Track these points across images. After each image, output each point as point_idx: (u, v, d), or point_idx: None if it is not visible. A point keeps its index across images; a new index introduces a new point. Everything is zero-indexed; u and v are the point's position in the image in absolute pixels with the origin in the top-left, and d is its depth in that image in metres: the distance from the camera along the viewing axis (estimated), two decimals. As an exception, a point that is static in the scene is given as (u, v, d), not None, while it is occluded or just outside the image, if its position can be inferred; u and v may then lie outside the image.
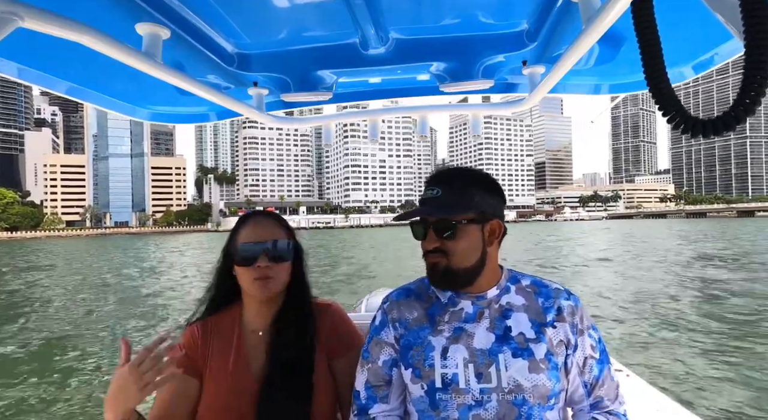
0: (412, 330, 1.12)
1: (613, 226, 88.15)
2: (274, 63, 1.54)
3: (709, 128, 0.56)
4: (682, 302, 11.97)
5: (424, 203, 1.10)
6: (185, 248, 46.88)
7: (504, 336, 1.06)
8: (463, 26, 1.40)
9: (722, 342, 8.26)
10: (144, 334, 10.06)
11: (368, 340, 1.19)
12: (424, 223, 1.10)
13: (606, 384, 1.10)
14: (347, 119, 2.16)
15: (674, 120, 0.58)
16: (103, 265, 29.24)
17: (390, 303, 1.19)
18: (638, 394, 2.15)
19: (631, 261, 22.73)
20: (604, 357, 1.11)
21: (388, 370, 1.13)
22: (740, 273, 17.08)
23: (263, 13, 1.27)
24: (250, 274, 1.22)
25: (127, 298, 15.37)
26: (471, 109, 2.02)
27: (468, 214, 1.07)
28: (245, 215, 1.32)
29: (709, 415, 5.24)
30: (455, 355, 1.05)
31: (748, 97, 0.52)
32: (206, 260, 28.88)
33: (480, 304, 1.10)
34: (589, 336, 1.10)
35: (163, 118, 1.95)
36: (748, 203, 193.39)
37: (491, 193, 1.12)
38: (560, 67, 1.18)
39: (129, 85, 1.64)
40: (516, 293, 1.12)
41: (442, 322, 1.10)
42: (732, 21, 0.61)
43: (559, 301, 1.11)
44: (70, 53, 1.21)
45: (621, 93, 1.80)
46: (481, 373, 1.03)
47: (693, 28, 1.19)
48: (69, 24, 0.84)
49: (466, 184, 1.10)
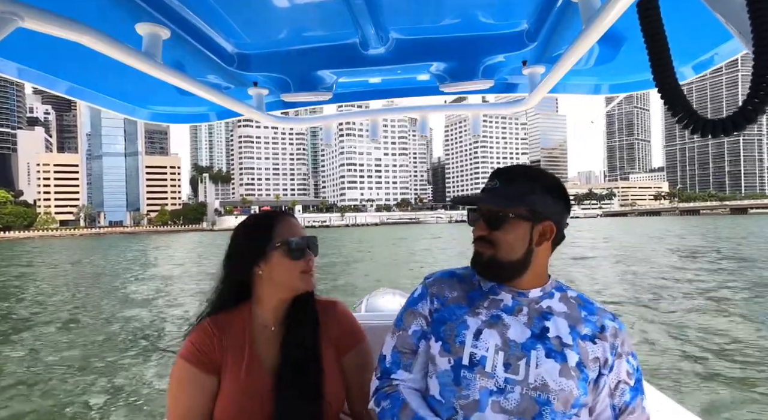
0: (449, 307, 1.13)
1: (606, 224, 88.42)
2: (274, 63, 1.54)
3: (719, 128, 0.55)
4: (682, 302, 12.02)
5: (483, 192, 1.12)
6: (179, 248, 46.55)
7: (540, 335, 1.05)
8: (463, 26, 1.40)
9: (723, 341, 8.29)
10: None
11: (403, 310, 1.20)
12: (479, 211, 1.12)
13: (636, 413, 1.06)
14: (347, 119, 2.15)
15: (683, 120, 0.58)
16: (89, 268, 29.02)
17: (433, 279, 1.21)
18: None
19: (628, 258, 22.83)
20: (639, 386, 1.08)
21: (416, 340, 1.15)
22: (735, 272, 17.17)
23: (263, 13, 1.27)
24: (298, 268, 1.23)
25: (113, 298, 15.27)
26: (471, 109, 2.02)
27: (519, 209, 1.08)
28: (268, 214, 1.31)
29: (708, 415, 5.25)
30: (488, 338, 1.05)
31: (757, 96, 0.52)
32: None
33: (520, 300, 1.10)
34: (627, 362, 1.07)
35: (163, 118, 1.95)
36: (741, 200, 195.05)
37: (554, 196, 1.10)
38: (560, 67, 1.18)
39: (129, 85, 1.64)
40: (559, 300, 1.11)
41: (481, 306, 1.10)
42: (733, 21, 0.61)
43: (604, 320, 1.09)
44: (70, 53, 1.21)
45: (621, 93, 1.80)
46: (510, 364, 1.03)
47: (693, 28, 1.19)
48: (69, 24, 0.84)
49: (527, 181, 1.10)
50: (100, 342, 9.39)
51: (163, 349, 8.51)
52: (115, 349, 8.71)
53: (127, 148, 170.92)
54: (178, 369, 1.20)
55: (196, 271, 22.70)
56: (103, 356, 8.26)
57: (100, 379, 7.09)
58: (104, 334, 10.04)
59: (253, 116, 1.74)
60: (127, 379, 7.00)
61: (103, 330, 10.52)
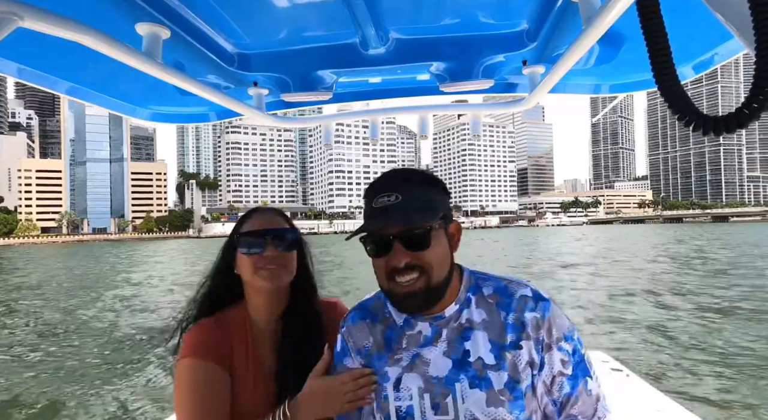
0: (370, 359, 1.06)
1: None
2: (274, 63, 1.54)
3: (721, 126, 0.55)
4: (681, 302, 12.12)
5: (382, 212, 0.95)
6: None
7: (461, 361, 0.98)
8: (463, 26, 1.40)
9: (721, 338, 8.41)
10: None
11: (333, 368, 1.12)
12: (382, 237, 0.96)
13: (581, 400, 0.98)
14: (347, 119, 2.13)
15: (685, 118, 0.57)
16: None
17: (347, 328, 1.13)
18: (638, 394, 2.14)
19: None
20: (579, 371, 0.99)
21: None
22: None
23: (263, 13, 1.27)
24: (256, 263, 1.18)
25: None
26: (471, 109, 2.02)
27: (434, 219, 0.97)
28: (248, 211, 1.30)
29: (709, 414, 5.26)
30: (409, 384, 0.99)
31: (761, 93, 0.51)
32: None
33: (438, 326, 1.01)
34: (559, 350, 0.98)
35: (163, 118, 1.94)
36: (722, 209, 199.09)
37: (443, 191, 1.03)
38: (560, 67, 1.18)
39: (129, 85, 1.64)
40: (477, 306, 1.02)
41: (399, 349, 1.03)
42: (733, 21, 0.60)
43: (524, 314, 0.99)
44: (70, 53, 1.21)
45: (621, 93, 1.79)
46: (438, 404, 0.96)
47: (693, 28, 1.18)
48: (69, 24, 0.83)
49: (423, 185, 0.99)
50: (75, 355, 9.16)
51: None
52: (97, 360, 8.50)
53: (112, 154, 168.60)
54: (189, 369, 1.14)
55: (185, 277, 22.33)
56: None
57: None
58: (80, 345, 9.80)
59: (253, 116, 1.73)
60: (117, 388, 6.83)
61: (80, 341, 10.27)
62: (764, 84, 0.51)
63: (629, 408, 1.00)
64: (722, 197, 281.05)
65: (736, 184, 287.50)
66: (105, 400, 6.42)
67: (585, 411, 0.98)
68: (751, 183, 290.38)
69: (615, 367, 2.67)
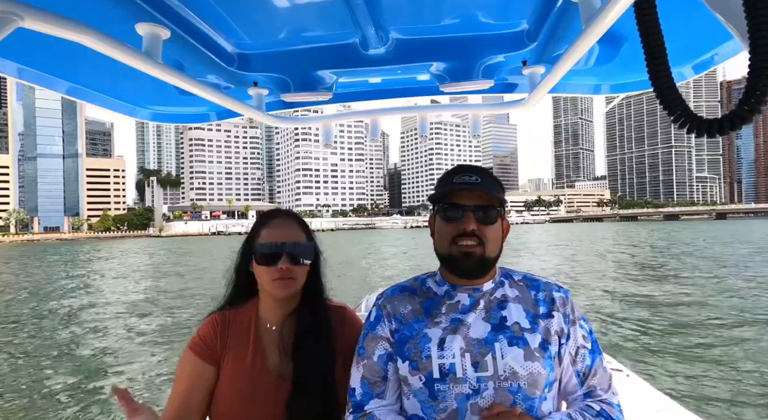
0: (407, 323, 1.13)
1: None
2: (274, 63, 1.54)
3: (715, 128, 0.55)
4: (680, 301, 12.34)
5: (465, 186, 1.10)
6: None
7: (500, 325, 1.08)
8: (463, 26, 1.40)
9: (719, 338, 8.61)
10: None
11: (363, 337, 1.19)
12: (459, 206, 1.10)
13: (599, 374, 1.11)
14: (347, 119, 2.15)
15: (679, 119, 0.58)
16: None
17: (384, 298, 1.20)
18: (638, 394, 2.13)
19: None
20: (595, 347, 1.13)
21: (383, 364, 1.13)
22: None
23: (263, 13, 1.27)
24: (271, 274, 1.22)
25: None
26: (471, 109, 2.03)
27: (500, 205, 1.12)
28: (267, 214, 1.32)
29: (709, 415, 5.30)
30: (452, 344, 1.07)
31: (753, 96, 0.52)
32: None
33: (476, 297, 1.12)
34: (580, 326, 1.13)
35: (163, 118, 1.94)
36: (673, 207, 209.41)
37: (503, 190, 1.17)
38: (560, 67, 1.19)
39: (129, 85, 1.63)
40: (510, 287, 1.16)
41: (439, 314, 1.11)
42: (732, 21, 0.61)
43: (552, 293, 1.15)
44: (70, 53, 1.20)
45: (621, 93, 1.81)
46: (478, 362, 1.05)
47: (693, 28, 1.20)
48: (69, 24, 0.84)
49: (494, 178, 1.15)
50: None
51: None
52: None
53: (65, 149, 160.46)
54: (185, 358, 1.26)
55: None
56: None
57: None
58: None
59: (253, 116, 1.73)
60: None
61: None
62: (756, 87, 0.51)
63: (629, 408, 1.10)
64: (674, 196, 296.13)
65: (686, 184, 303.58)
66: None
67: (602, 384, 1.12)
68: (700, 183, 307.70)
69: (615, 367, 2.73)
